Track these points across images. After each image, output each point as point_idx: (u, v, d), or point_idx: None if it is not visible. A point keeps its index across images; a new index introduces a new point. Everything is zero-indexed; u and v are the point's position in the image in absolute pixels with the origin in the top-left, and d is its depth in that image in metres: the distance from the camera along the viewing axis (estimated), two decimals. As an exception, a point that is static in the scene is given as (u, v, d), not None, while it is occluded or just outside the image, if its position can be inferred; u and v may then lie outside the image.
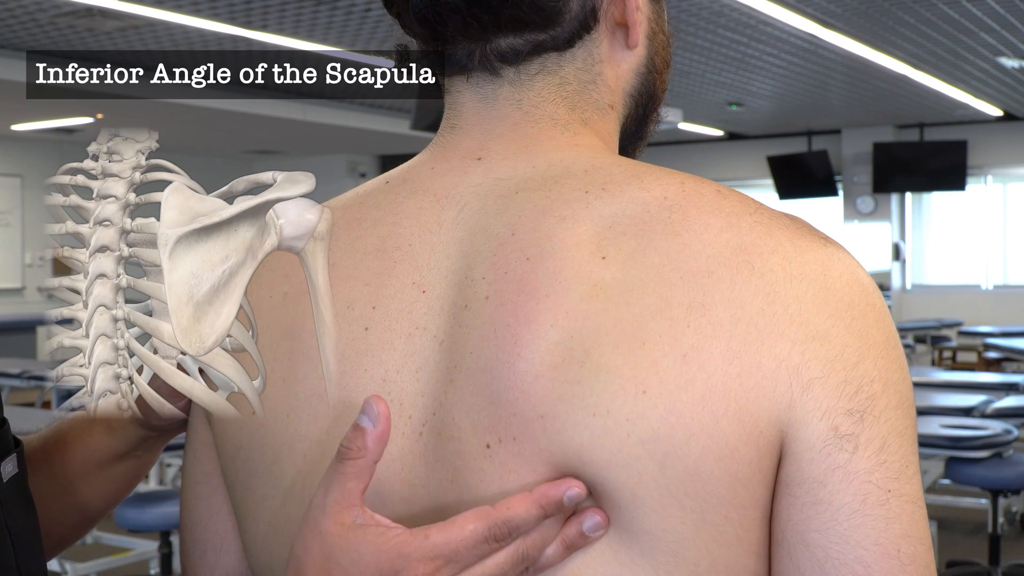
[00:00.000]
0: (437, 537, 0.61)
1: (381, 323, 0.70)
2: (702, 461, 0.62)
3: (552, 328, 0.64)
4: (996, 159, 10.28)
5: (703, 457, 0.62)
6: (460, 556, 0.61)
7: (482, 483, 0.65)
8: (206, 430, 0.81)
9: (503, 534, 0.61)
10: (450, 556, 0.61)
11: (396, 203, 0.75)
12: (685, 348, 0.62)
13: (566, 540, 0.63)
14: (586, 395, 0.63)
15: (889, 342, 0.65)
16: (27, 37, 6.30)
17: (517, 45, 0.74)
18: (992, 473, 3.99)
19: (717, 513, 0.62)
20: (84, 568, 4.33)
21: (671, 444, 0.62)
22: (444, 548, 0.61)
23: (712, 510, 0.62)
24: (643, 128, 0.83)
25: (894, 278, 10.64)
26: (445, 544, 0.61)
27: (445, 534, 0.61)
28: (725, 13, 5.82)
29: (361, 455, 0.62)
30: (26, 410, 5.23)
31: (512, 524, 0.61)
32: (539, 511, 0.62)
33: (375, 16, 5.80)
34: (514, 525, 0.61)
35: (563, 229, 0.67)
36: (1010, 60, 7.15)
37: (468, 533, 0.61)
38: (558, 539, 0.63)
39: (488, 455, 0.65)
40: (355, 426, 0.62)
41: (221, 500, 0.81)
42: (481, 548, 0.61)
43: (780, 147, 10.90)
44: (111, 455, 0.90)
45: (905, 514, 0.62)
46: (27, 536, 0.79)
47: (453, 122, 0.78)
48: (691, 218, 0.66)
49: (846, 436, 0.62)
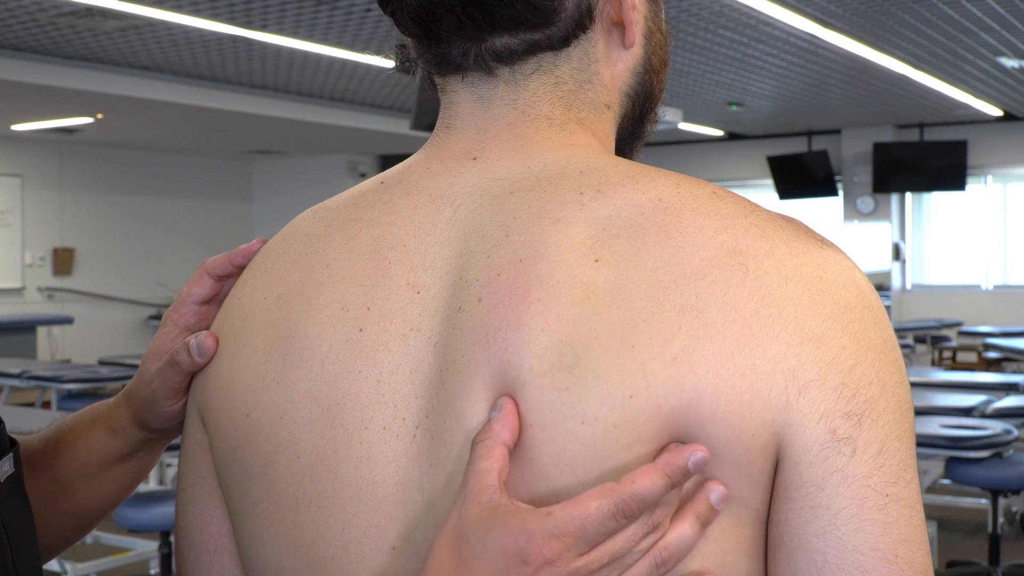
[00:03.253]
0: (561, 514, 0.59)
1: (375, 324, 0.70)
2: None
3: (543, 333, 0.64)
4: (996, 159, 10.28)
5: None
6: (588, 534, 0.59)
7: None
8: (201, 432, 0.80)
9: (632, 509, 0.59)
10: (577, 534, 0.59)
11: (391, 203, 0.74)
12: (675, 351, 0.62)
13: (699, 515, 0.62)
14: (575, 403, 0.62)
15: (887, 345, 0.65)
16: (27, 37, 6.30)
17: (512, 44, 0.74)
18: (992, 473, 3.99)
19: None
20: (84, 568, 4.34)
21: (657, 446, 0.62)
22: (569, 525, 0.59)
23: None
24: (640, 128, 0.83)
25: (894, 278, 10.64)
26: (570, 521, 0.59)
27: (569, 511, 0.59)
28: (725, 13, 5.81)
29: (488, 436, 0.62)
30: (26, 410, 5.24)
31: (640, 497, 0.59)
32: (665, 480, 0.60)
33: (375, 16, 5.80)
34: (642, 498, 0.59)
35: (557, 231, 0.67)
36: (1010, 60, 7.15)
37: (594, 510, 0.59)
38: (691, 514, 0.61)
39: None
40: (487, 421, 0.63)
41: (216, 502, 0.80)
42: (608, 524, 0.59)
43: (780, 147, 10.90)
44: (112, 456, 0.90)
45: (903, 519, 0.62)
46: (23, 535, 0.79)
47: (448, 122, 0.77)
48: (685, 220, 0.66)
49: (844, 439, 0.61)
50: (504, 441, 0.62)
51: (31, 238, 10.52)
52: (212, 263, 0.85)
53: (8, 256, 10.36)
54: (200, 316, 0.85)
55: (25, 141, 10.22)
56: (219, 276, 0.84)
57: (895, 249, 10.64)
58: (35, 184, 10.53)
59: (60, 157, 10.70)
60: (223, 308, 0.81)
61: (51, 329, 10.30)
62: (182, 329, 0.85)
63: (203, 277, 0.85)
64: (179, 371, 0.81)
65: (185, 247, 11.63)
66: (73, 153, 10.77)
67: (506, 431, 0.62)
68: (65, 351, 10.49)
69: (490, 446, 0.62)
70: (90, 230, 10.97)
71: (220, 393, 0.77)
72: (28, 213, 10.49)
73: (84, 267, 10.92)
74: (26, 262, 10.49)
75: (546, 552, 0.59)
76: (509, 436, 0.62)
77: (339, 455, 0.69)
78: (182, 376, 0.81)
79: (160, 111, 8.27)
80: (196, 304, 0.85)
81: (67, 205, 10.80)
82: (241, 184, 12.63)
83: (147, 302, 11.26)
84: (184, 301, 0.85)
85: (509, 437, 0.62)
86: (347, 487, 0.69)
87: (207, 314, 0.85)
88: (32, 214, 10.53)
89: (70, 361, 9.82)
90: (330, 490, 0.69)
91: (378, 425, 0.68)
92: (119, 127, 9.32)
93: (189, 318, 0.85)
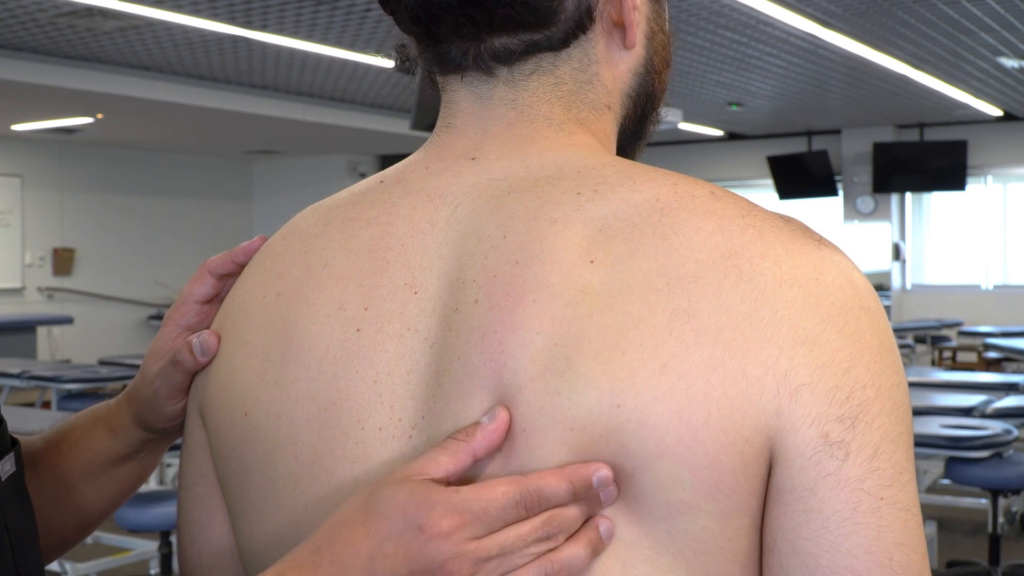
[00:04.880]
0: (468, 493, 0.61)
1: (373, 324, 0.70)
2: (675, 472, 0.61)
3: (537, 335, 0.64)
4: (996, 159, 10.27)
5: (676, 468, 0.61)
6: (488, 516, 0.60)
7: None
8: (201, 431, 0.80)
9: (533, 502, 0.61)
10: (478, 514, 0.60)
11: (390, 203, 0.74)
12: (665, 357, 0.61)
13: (591, 542, 0.62)
14: (565, 408, 0.62)
15: (883, 346, 0.64)
16: (27, 37, 6.30)
17: (511, 45, 0.73)
18: (992, 473, 3.99)
19: (692, 522, 0.62)
20: (84, 568, 4.34)
21: (640, 459, 0.61)
22: (473, 504, 0.60)
23: (685, 519, 0.61)
24: (642, 128, 0.83)
25: (894, 278, 10.63)
26: (475, 500, 0.60)
27: (476, 492, 0.61)
28: (725, 13, 5.81)
29: (467, 438, 0.62)
30: (26, 410, 5.24)
31: (543, 494, 0.61)
32: (568, 486, 0.61)
33: (375, 16, 5.80)
34: (544, 495, 0.61)
35: (553, 232, 0.67)
36: (1010, 60, 7.14)
37: (499, 495, 0.61)
38: (584, 538, 0.62)
39: (473, 468, 0.64)
40: (474, 421, 0.63)
41: (217, 502, 0.81)
42: (509, 513, 0.61)
43: (780, 147, 10.89)
44: (113, 457, 0.90)
45: (898, 522, 0.61)
46: (24, 535, 0.79)
47: (448, 121, 0.77)
48: (682, 221, 0.65)
49: (837, 443, 0.61)
50: (477, 453, 0.63)
51: (31, 238, 10.52)
52: (213, 262, 0.84)
53: (8, 256, 10.36)
54: (202, 315, 0.85)
55: (25, 141, 10.21)
56: (221, 275, 0.84)
57: (895, 249, 10.64)
58: (35, 184, 10.53)
59: (60, 157, 10.69)
60: (223, 306, 0.81)
61: (51, 329, 10.29)
62: (184, 328, 0.85)
63: (204, 276, 0.84)
64: (181, 370, 0.81)
65: (185, 247, 11.63)
66: (73, 153, 10.77)
67: (484, 444, 0.63)
68: (65, 351, 10.49)
69: (462, 450, 0.62)
70: (90, 230, 10.96)
71: (219, 391, 0.77)
72: (28, 213, 10.49)
73: (84, 267, 10.92)
74: (26, 262, 10.49)
75: (443, 524, 0.60)
76: (484, 450, 0.63)
77: (336, 455, 0.69)
78: (184, 375, 0.81)
79: (160, 111, 8.26)
80: (198, 303, 0.85)
81: (67, 205, 10.80)
82: (241, 184, 12.63)
83: (147, 302, 11.26)
84: (186, 300, 0.85)
85: (484, 451, 0.63)
86: (343, 487, 0.69)
87: (209, 313, 0.85)
88: (32, 214, 10.52)
89: (70, 361, 9.81)
90: (327, 490, 0.69)
91: (374, 426, 0.68)
92: (119, 127, 9.32)
93: (191, 317, 0.85)
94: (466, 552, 0.60)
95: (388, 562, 0.61)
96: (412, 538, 0.60)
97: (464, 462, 0.63)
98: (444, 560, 0.60)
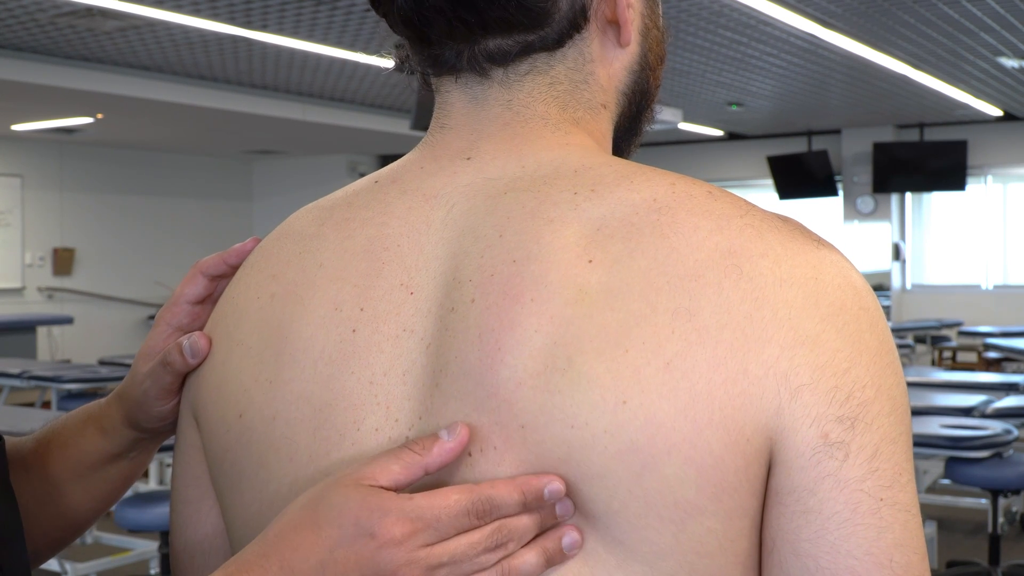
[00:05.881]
0: (421, 500, 0.61)
1: (369, 325, 0.70)
2: (683, 472, 0.61)
3: (536, 334, 0.63)
4: (996, 159, 10.27)
5: (684, 468, 0.61)
6: (440, 523, 0.61)
7: None
8: (194, 433, 0.80)
9: (484, 510, 0.61)
10: (430, 521, 0.61)
11: (385, 203, 0.74)
12: (669, 355, 0.61)
13: (546, 551, 0.63)
14: (566, 406, 0.62)
15: (883, 347, 0.64)
16: (27, 37, 6.30)
17: (505, 46, 0.73)
18: (992, 473, 3.99)
19: (698, 524, 0.61)
20: (84, 568, 4.33)
21: (649, 455, 0.61)
22: (426, 511, 0.61)
23: (693, 521, 0.61)
24: (637, 125, 0.82)
25: (894, 278, 10.63)
26: (428, 507, 0.61)
27: (429, 499, 0.61)
28: (725, 13, 5.81)
29: (419, 452, 0.63)
30: (26, 410, 5.23)
31: (494, 502, 0.61)
32: (520, 496, 0.62)
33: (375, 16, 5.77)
34: (495, 504, 0.62)
35: (550, 232, 0.66)
36: (1010, 60, 7.14)
37: (452, 502, 0.61)
38: (539, 547, 0.63)
39: (470, 464, 0.64)
40: (433, 434, 0.64)
41: (210, 503, 0.80)
42: (461, 521, 0.61)
43: (780, 147, 10.89)
44: (103, 456, 0.90)
45: (898, 523, 0.61)
46: (9, 531, 0.79)
47: (443, 122, 0.77)
48: (680, 220, 0.65)
49: (836, 444, 0.61)
50: (429, 468, 0.63)
51: (31, 238, 10.52)
52: (206, 263, 0.84)
53: (8, 256, 10.36)
54: (193, 316, 0.84)
55: (25, 141, 10.21)
56: (213, 276, 0.84)
57: (895, 249, 10.64)
58: (35, 184, 10.53)
59: (60, 157, 10.69)
60: (217, 307, 0.81)
61: (51, 329, 10.29)
62: (175, 329, 0.84)
63: (197, 277, 0.84)
64: (171, 372, 0.80)
65: (185, 247, 11.62)
66: (73, 153, 10.77)
67: (439, 460, 0.63)
68: (65, 351, 10.49)
69: (415, 463, 0.63)
70: (90, 230, 10.96)
71: (213, 393, 0.76)
72: (28, 213, 10.49)
73: (84, 267, 10.92)
74: (26, 262, 10.49)
75: (395, 531, 0.60)
76: (437, 466, 0.63)
77: (331, 456, 0.69)
78: (174, 377, 0.81)
79: (160, 111, 8.26)
80: (189, 304, 0.84)
81: (67, 205, 10.80)
82: (241, 184, 12.63)
83: (147, 302, 11.26)
84: (177, 301, 0.85)
85: (437, 467, 0.63)
86: None
87: (200, 314, 0.84)
88: (32, 214, 10.52)
89: (70, 361, 9.81)
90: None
91: (370, 427, 0.68)
92: (119, 127, 9.32)
93: (182, 318, 0.84)
94: (417, 559, 0.61)
95: (339, 568, 0.61)
96: (364, 545, 0.61)
97: (415, 475, 0.63)
98: (395, 567, 0.60)
